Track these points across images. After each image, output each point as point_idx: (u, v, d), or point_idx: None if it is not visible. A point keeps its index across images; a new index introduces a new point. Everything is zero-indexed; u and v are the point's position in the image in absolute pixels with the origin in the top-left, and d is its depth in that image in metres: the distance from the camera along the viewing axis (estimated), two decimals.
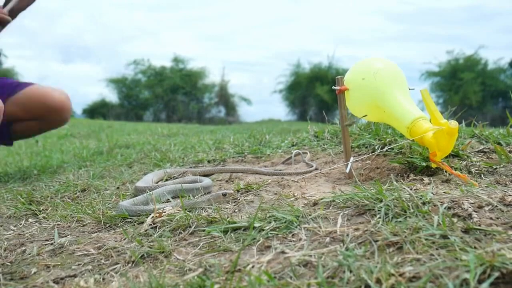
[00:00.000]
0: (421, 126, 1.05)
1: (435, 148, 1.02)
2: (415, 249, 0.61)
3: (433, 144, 1.02)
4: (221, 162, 1.78)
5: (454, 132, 0.99)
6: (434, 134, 1.01)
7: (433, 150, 1.03)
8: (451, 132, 0.98)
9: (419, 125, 1.05)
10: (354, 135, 1.61)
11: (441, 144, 1.01)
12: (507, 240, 0.60)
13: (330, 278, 0.57)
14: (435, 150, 1.02)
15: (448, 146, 1.01)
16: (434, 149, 1.03)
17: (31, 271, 0.77)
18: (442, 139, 1.00)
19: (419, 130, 1.05)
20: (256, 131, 2.84)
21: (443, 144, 1.01)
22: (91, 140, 4.16)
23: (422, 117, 1.06)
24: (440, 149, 1.02)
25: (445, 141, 1.00)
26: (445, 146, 1.01)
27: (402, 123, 1.09)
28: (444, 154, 1.03)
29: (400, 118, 1.09)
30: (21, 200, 1.31)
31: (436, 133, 1.00)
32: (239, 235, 0.78)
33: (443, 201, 0.75)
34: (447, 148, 1.02)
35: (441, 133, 0.99)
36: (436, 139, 1.01)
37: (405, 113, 1.08)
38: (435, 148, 1.02)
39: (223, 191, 1.07)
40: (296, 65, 23.81)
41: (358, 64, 1.21)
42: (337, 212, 0.80)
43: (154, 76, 24.35)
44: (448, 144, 1.01)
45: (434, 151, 1.03)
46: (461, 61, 21.74)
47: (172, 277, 0.65)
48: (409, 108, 1.09)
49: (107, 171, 1.92)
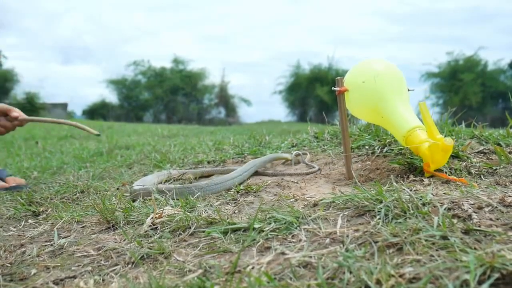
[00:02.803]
0: (417, 136, 1.05)
1: (428, 160, 1.03)
2: (415, 250, 0.61)
3: (428, 156, 1.03)
4: (221, 163, 1.78)
5: (448, 149, 1.00)
6: (429, 147, 1.02)
7: (427, 161, 1.04)
8: (445, 149, 1.00)
9: (415, 135, 1.06)
10: (354, 136, 1.61)
11: (435, 158, 1.02)
12: (507, 241, 0.60)
13: (330, 279, 0.57)
14: (429, 162, 1.03)
15: (442, 160, 1.03)
16: (427, 160, 1.03)
17: (31, 272, 0.77)
18: (436, 153, 1.01)
19: (415, 140, 1.05)
20: (256, 132, 2.84)
21: (437, 158, 1.02)
22: (91, 141, 4.16)
23: (419, 127, 1.06)
24: (434, 162, 1.03)
25: (439, 155, 1.02)
26: (439, 160, 1.03)
27: (399, 131, 1.09)
28: (438, 166, 1.04)
29: (397, 126, 1.10)
30: (21, 201, 1.31)
31: (431, 147, 1.01)
32: (239, 236, 0.78)
33: (443, 202, 0.75)
34: (440, 162, 1.03)
35: (436, 147, 1.00)
36: (431, 152, 1.02)
37: (403, 121, 1.08)
38: (428, 160, 1.03)
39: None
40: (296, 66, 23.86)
41: (358, 65, 1.21)
42: (337, 213, 0.80)
43: (154, 77, 24.37)
44: (442, 159, 1.03)
45: (428, 162, 1.04)
46: (461, 62, 21.77)
47: (172, 278, 0.65)
48: (407, 116, 1.09)
49: (107, 172, 1.92)
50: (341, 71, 20.99)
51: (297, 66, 23.84)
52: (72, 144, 4.06)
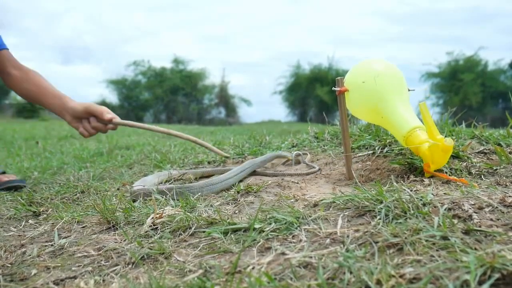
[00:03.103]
0: (417, 137, 1.05)
1: (428, 160, 1.03)
2: (416, 250, 0.61)
3: (428, 156, 1.03)
4: (221, 163, 1.78)
5: (448, 150, 1.00)
6: (429, 148, 1.02)
7: (427, 162, 1.04)
8: (445, 150, 1.00)
9: (415, 135, 1.06)
10: (354, 136, 1.61)
11: (435, 158, 1.02)
12: (507, 242, 0.60)
13: (330, 279, 0.57)
14: (429, 162, 1.03)
15: (442, 161, 1.03)
16: (428, 161, 1.04)
17: (31, 272, 0.77)
18: (436, 153, 1.01)
19: (415, 140, 1.05)
20: (256, 132, 2.84)
21: (437, 158, 1.02)
22: (91, 141, 4.16)
23: (419, 127, 1.06)
24: (434, 162, 1.03)
25: (439, 156, 1.02)
26: (439, 160, 1.03)
27: (399, 132, 1.09)
28: (438, 167, 1.04)
29: (397, 126, 1.10)
30: (21, 201, 1.31)
31: (431, 147, 1.01)
32: (239, 237, 0.77)
33: (444, 202, 0.75)
34: (440, 163, 1.03)
35: (436, 148, 1.00)
36: (431, 152, 1.02)
37: (403, 121, 1.08)
38: (428, 160, 1.03)
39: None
40: (296, 66, 23.86)
41: (358, 65, 1.21)
42: (337, 213, 0.80)
43: (154, 77, 24.36)
44: (442, 159, 1.03)
45: (428, 162, 1.04)
46: (461, 62, 21.77)
47: (172, 279, 0.65)
48: (407, 117, 1.09)
49: (107, 172, 1.92)
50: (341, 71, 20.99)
51: (297, 66, 23.85)
52: (72, 144, 4.06)
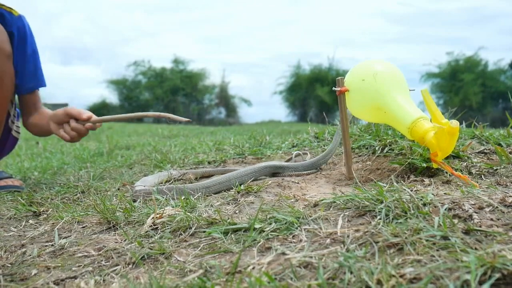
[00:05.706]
0: (422, 126, 1.04)
1: (436, 149, 1.02)
2: (416, 250, 0.61)
3: (434, 144, 1.02)
4: (222, 163, 1.78)
5: (455, 132, 0.98)
6: (435, 135, 1.01)
7: (434, 151, 1.03)
8: (452, 132, 0.98)
9: (420, 125, 1.05)
10: (354, 136, 1.61)
11: (442, 145, 1.01)
12: (507, 241, 0.60)
13: (331, 279, 0.57)
14: (436, 151, 1.02)
15: (449, 146, 1.01)
16: (435, 149, 1.03)
17: (32, 272, 0.77)
18: (443, 139, 1.00)
19: (420, 130, 1.04)
20: (256, 132, 2.84)
21: (444, 144, 1.01)
22: (91, 141, 4.16)
23: (423, 117, 1.06)
24: (441, 149, 1.02)
25: (446, 141, 1.00)
26: (446, 146, 1.01)
27: (403, 124, 1.09)
28: (445, 154, 1.03)
29: (400, 119, 1.09)
30: (22, 201, 1.31)
31: (437, 133, 1.00)
32: (240, 237, 0.77)
33: (444, 202, 0.75)
34: (448, 149, 1.02)
35: (442, 133, 0.99)
36: (437, 139, 1.01)
37: (406, 113, 1.08)
38: (436, 148, 1.02)
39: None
40: (296, 67, 23.83)
41: (358, 65, 1.21)
42: (338, 213, 0.80)
43: (154, 78, 24.35)
44: (449, 144, 1.01)
45: (435, 151, 1.03)
46: (461, 62, 21.75)
47: (172, 279, 0.65)
48: (410, 109, 1.09)
49: (108, 172, 1.92)
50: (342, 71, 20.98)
51: (298, 66, 23.83)
52: (73, 144, 4.06)
